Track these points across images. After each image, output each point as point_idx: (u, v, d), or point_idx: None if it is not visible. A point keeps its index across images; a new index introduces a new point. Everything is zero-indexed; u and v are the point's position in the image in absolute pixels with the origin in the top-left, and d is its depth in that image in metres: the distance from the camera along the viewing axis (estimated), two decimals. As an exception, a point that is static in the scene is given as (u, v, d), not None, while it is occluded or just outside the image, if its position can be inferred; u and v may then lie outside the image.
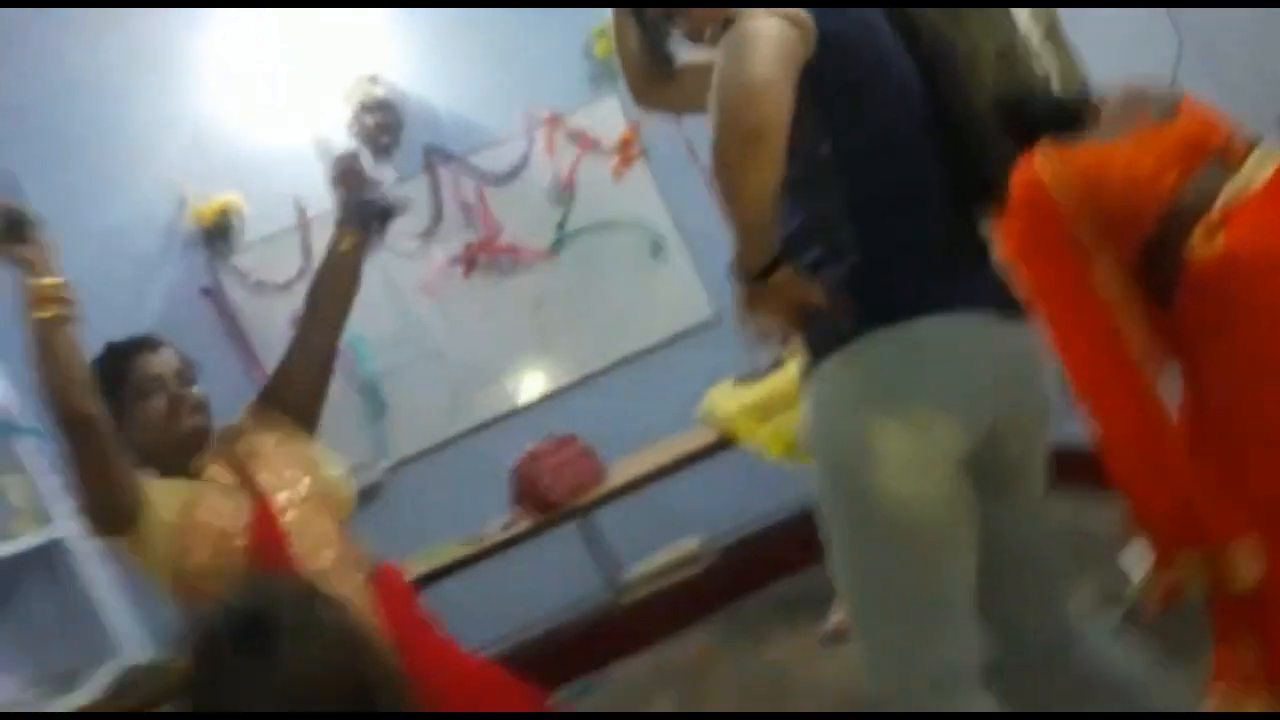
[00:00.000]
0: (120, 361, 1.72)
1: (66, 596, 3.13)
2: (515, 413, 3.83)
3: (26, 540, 3.04)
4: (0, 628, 3.11)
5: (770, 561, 3.31)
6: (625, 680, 3.36)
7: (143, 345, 1.76)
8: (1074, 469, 1.71)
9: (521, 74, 3.91)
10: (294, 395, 1.87)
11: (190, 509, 1.63)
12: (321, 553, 1.67)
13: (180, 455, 1.71)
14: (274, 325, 3.61)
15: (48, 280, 1.53)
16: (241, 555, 1.62)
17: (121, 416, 1.66)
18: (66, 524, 3.02)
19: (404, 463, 3.76)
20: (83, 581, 3.10)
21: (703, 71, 1.49)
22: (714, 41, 1.43)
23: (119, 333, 1.81)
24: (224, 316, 3.72)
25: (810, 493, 1.40)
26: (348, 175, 1.93)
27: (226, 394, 1.88)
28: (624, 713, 2.86)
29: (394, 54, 3.85)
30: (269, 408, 1.86)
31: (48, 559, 3.13)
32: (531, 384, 3.90)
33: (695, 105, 1.61)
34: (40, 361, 1.53)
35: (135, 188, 3.67)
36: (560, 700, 3.22)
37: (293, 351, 1.90)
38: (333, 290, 1.91)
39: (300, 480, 1.74)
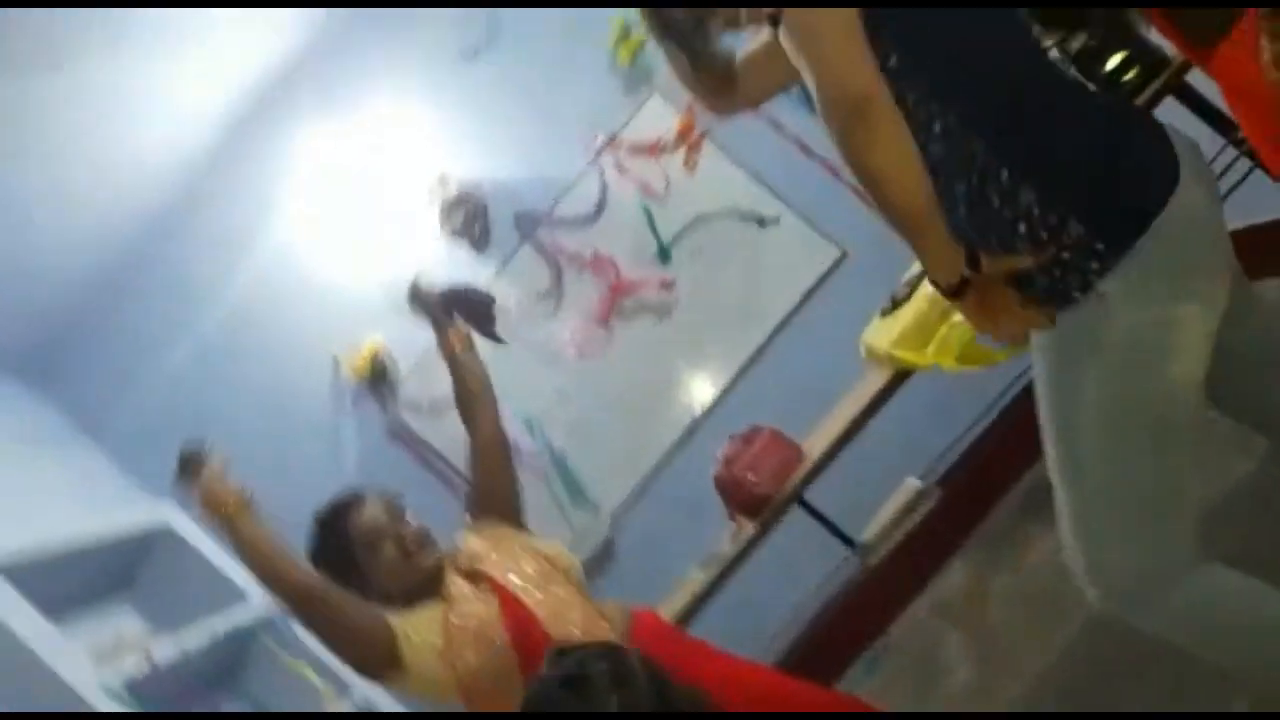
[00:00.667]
0: (335, 527, 1.84)
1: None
2: (695, 427, 3.88)
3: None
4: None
5: (993, 470, 3.21)
6: (907, 637, 3.34)
7: (348, 505, 1.87)
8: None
9: (564, 113, 3.97)
10: (492, 498, 1.98)
11: (446, 624, 1.72)
12: (570, 621, 1.74)
13: (426, 589, 1.81)
14: (457, 443, 3.80)
15: (223, 490, 1.73)
16: (505, 648, 1.71)
17: (361, 576, 1.79)
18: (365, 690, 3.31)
19: (619, 514, 3.89)
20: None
21: (762, 57, 1.51)
22: (755, 20, 1.44)
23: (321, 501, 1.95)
24: (416, 449, 3.95)
25: (999, 389, 1.41)
26: (415, 296, 2.14)
27: (453, 516, 1.99)
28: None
29: (446, 149, 3.99)
30: (478, 518, 1.97)
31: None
32: (699, 392, 3.95)
33: (770, 93, 1.61)
34: (240, 559, 1.69)
35: (289, 365, 3.96)
36: (857, 679, 3.23)
37: (472, 461, 2.02)
38: (470, 392, 2.06)
39: (528, 564, 1.82)
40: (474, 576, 1.81)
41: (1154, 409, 1.33)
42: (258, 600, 3.52)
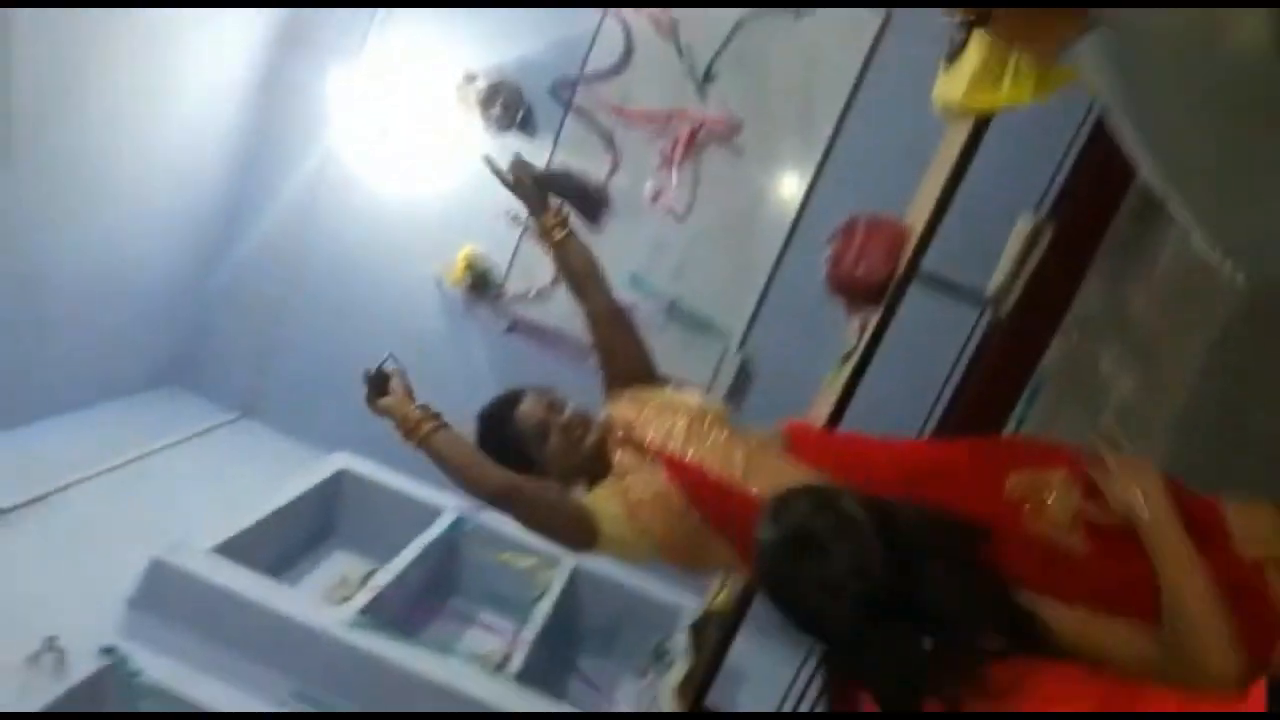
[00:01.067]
0: (500, 430, 1.91)
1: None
2: (796, 233, 3.88)
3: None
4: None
5: (1101, 185, 3.08)
6: (1062, 364, 3.34)
7: (505, 404, 1.93)
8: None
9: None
10: (623, 365, 2.03)
11: (625, 498, 1.82)
12: (734, 462, 1.80)
13: (598, 465, 1.89)
14: (571, 316, 3.93)
15: (411, 411, 1.82)
16: (685, 507, 1.79)
17: (534, 467, 1.89)
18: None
19: (746, 335, 3.96)
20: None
21: None
22: None
23: (472, 407, 2.06)
24: (535, 335, 4.09)
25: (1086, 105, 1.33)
26: (517, 172, 2.09)
27: (589, 384, 2.08)
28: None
29: (460, 48, 3.96)
30: (616, 388, 2.03)
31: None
32: (788, 197, 3.91)
33: None
34: (447, 473, 1.80)
35: (396, 295, 4.12)
36: (1019, 414, 3.27)
37: (593, 336, 2.06)
38: (575, 271, 2.06)
39: (678, 420, 1.88)
40: (633, 445, 1.88)
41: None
42: (450, 509, 3.82)
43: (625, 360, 2.05)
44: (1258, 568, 1.58)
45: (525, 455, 1.88)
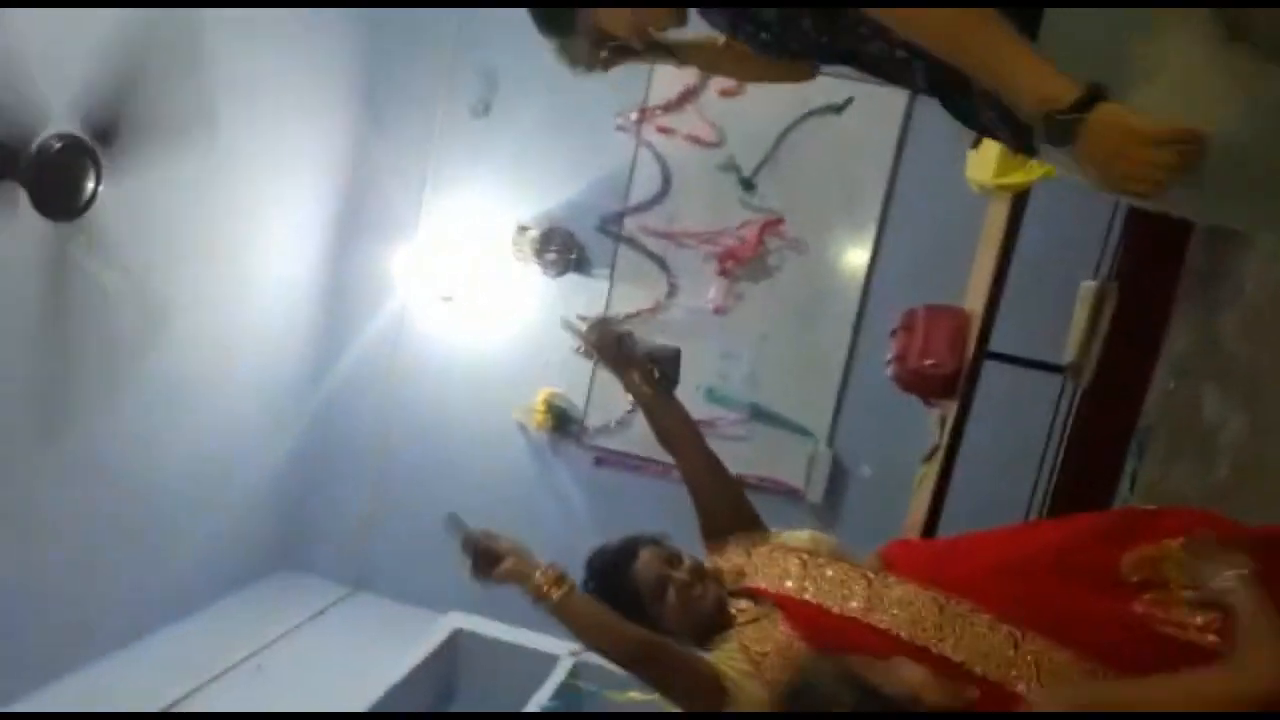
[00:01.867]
0: (616, 585, 1.85)
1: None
2: (863, 322, 3.87)
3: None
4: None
5: (1164, 226, 3.01)
6: (1164, 412, 3.21)
7: (621, 557, 1.87)
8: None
9: (588, 113, 4.00)
10: (724, 516, 1.98)
11: (748, 651, 1.74)
12: (853, 595, 1.72)
13: (715, 620, 1.82)
14: (654, 440, 3.97)
15: (536, 576, 1.76)
16: (811, 649, 1.69)
17: (648, 623, 1.82)
18: None
19: (833, 438, 3.93)
20: None
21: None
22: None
23: (571, 545, 2.02)
24: (622, 464, 4.12)
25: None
26: (604, 340, 2.11)
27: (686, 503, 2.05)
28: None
29: (508, 201, 4.12)
30: (717, 539, 1.98)
31: None
32: (848, 286, 3.92)
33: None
34: (580, 636, 1.76)
35: (484, 447, 4.21)
36: (1130, 470, 3.14)
37: (691, 490, 2.02)
38: (668, 430, 2.04)
39: (790, 562, 1.81)
40: (748, 594, 1.83)
41: None
42: (565, 655, 3.80)
43: (726, 512, 2.00)
44: None
45: (641, 612, 1.82)
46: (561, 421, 4.11)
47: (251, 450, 4.00)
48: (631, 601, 1.83)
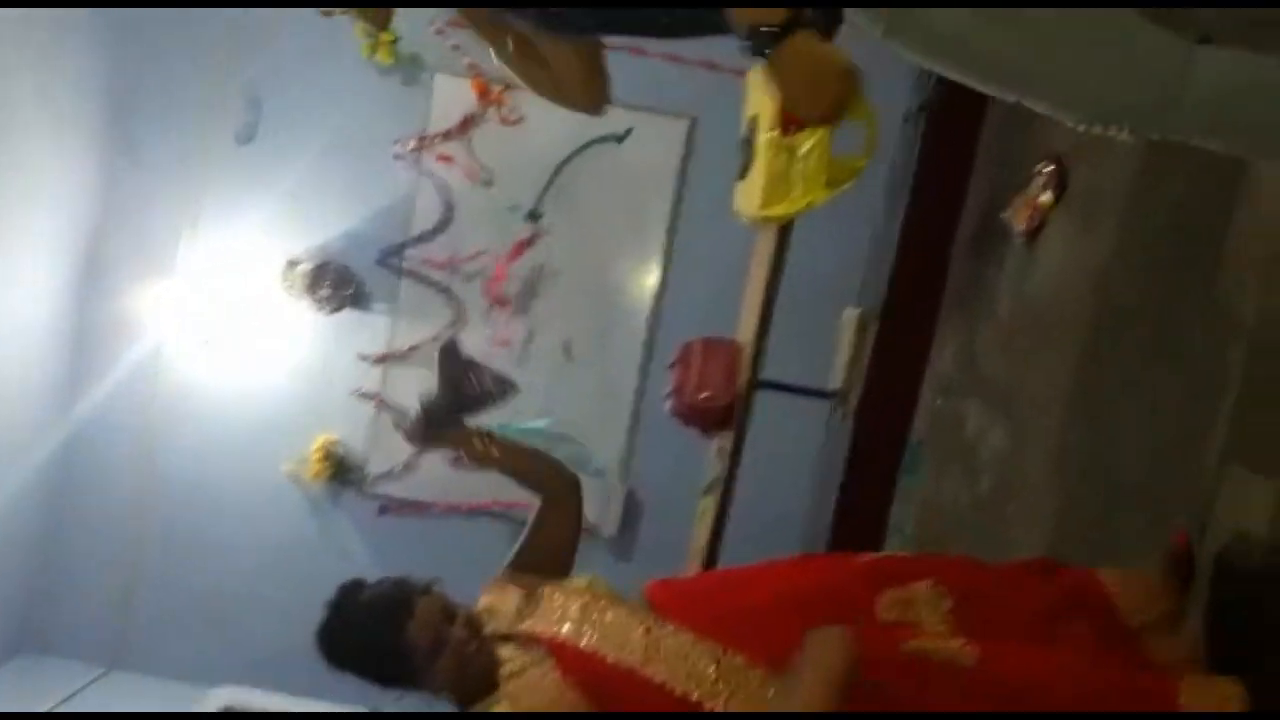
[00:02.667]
0: (391, 643, 1.64)
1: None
2: (650, 360, 3.85)
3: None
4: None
5: (925, 248, 3.15)
6: (930, 428, 3.34)
7: (397, 613, 1.65)
8: None
9: (363, 139, 3.83)
10: (549, 558, 1.85)
11: (516, 705, 1.61)
12: (625, 643, 1.62)
13: (487, 680, 1.66)
14: (442, 481, 3.81)
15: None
16: (580, 702, 1.59)
17: (418, 683, 1.66)
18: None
19: (626, 473, 3.88)
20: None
21: None
22: None
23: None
24: (408, 511, 3.92)
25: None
26: (451, 369, 1.86)
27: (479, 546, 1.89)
28: None
29: (276, 234, 3.86)
30: (521, 573, 1.82)
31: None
32: (637, 319, 3.89)
33: None
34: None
35: (257, 504, 3.91)
36: (905, 489, 3.24)
37: (539, 520, 1.87)
38: (523, 471, 1.90)
39: (571, 604, 1.69)
40: (519, 639, 1.68)
41: None
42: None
43: (554, 554, 1.85)
44: (1136, 634, 1.59)
45: (404, 671, 1.64)
46: (340, 470, 3.86)
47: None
48: (397, 661, 1.63)
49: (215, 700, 3.63)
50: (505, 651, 1.69)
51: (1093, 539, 2.23)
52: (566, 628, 1.65)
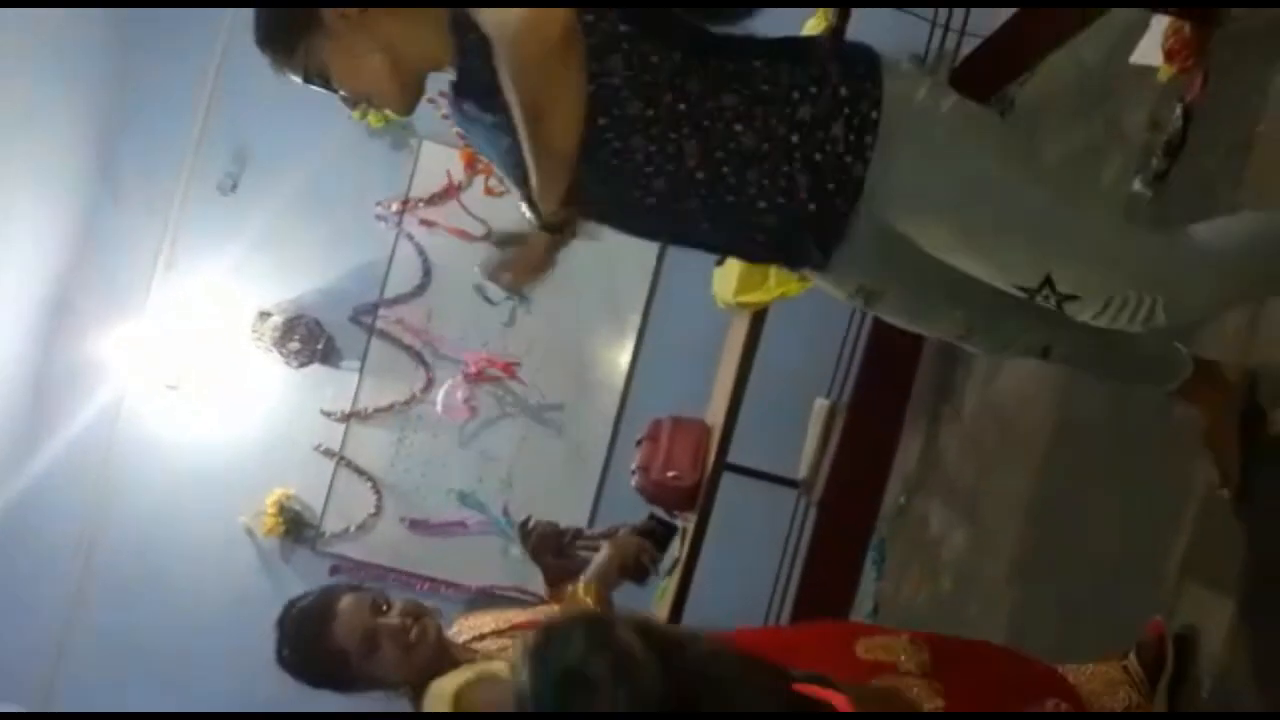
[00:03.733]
0: (322, 650, 1.59)
1: None
2: (618, 434, 3.84)
3: None
4: None
5: (894, 347, 3.19)
6: (894, 526, 3.33)
7: (316, 619, 1.61)
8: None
9: (348, 197, 3.85)
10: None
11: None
12: None
13: (442, 661, 1.62)
14: (398, 546, 3.78)
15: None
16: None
17: (362, 684, 1.60)
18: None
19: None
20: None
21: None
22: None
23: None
24: (361, 572, 3.83)
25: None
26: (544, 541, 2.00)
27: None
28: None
29: (250, 284, 3.84)
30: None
31: None
32: (606, 402, 3.90)
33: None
34: None
35: (209, 556, 3.81)
36: (869, 587, 3.22)
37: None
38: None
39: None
40: (506, 633, 1.72)
41: (993, 148, 1.34)
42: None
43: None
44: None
45: (349, 675, 1.58)
46: (294, 526, 3.78)
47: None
48: (338, 667, 1.57)
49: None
50: (487, 646, 1.69)
51: (1051, 645, 2.23)
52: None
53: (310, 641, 1.60)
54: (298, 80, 1.38)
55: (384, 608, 1.62)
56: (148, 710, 3.67)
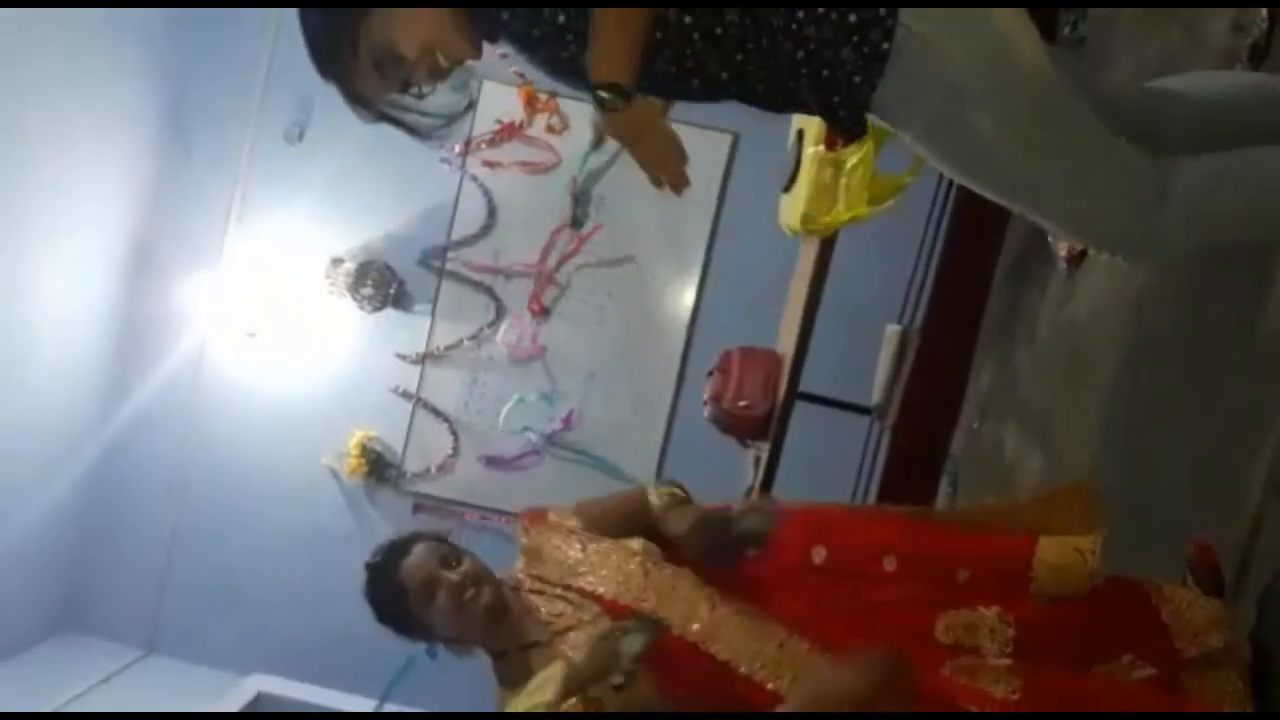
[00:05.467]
0: (388, 582, 1.64)
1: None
2: (688, 363, 3.86)
3: None
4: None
5: (967, 269, 3.13)
6: (969, 450, 3.31)
7: (392, 554, 1.67)
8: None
9: (402, 147, 3.83)
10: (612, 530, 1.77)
11: (570, 663, 1.54)
12: (691, 617, 1.56)
13: (499, 631, 1.65)
14: (476, 484, 3.87)
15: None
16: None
17: (419, 629, 1.64)
18: None
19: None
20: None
21: None
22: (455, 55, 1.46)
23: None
24: (442, 511, 3.95)
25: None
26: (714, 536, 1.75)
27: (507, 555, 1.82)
28: None
29: (322, 231, 3.92)
30: (583, 521, 1.76)
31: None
32: (674, 327, 3.90)
33: None
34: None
35: (295, 497, 3.97)
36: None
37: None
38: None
39: (629, 566, 1.63)
40: (569, 592, 1.65)
41: (1030, 90, 1.36)
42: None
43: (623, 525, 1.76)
44: (1190, 663, 1.54)
45: (406, 615, 1.64)
46: (377, 467, 3.90)
47: (28, 500, 3.61)
48: (397, 603, 1.64)
49: (248, 688, 3.68)
50: (556, 606, 1.65)
51: (1127, 572, 2.21)
52: (627, 591, 1.59)
53: (379, 571, 1.67)
54: (371, 117, 1.48)
55: (452, 563, 1.66)
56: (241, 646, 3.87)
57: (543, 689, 1.53)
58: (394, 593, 1.64)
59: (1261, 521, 1.80)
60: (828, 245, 2.41)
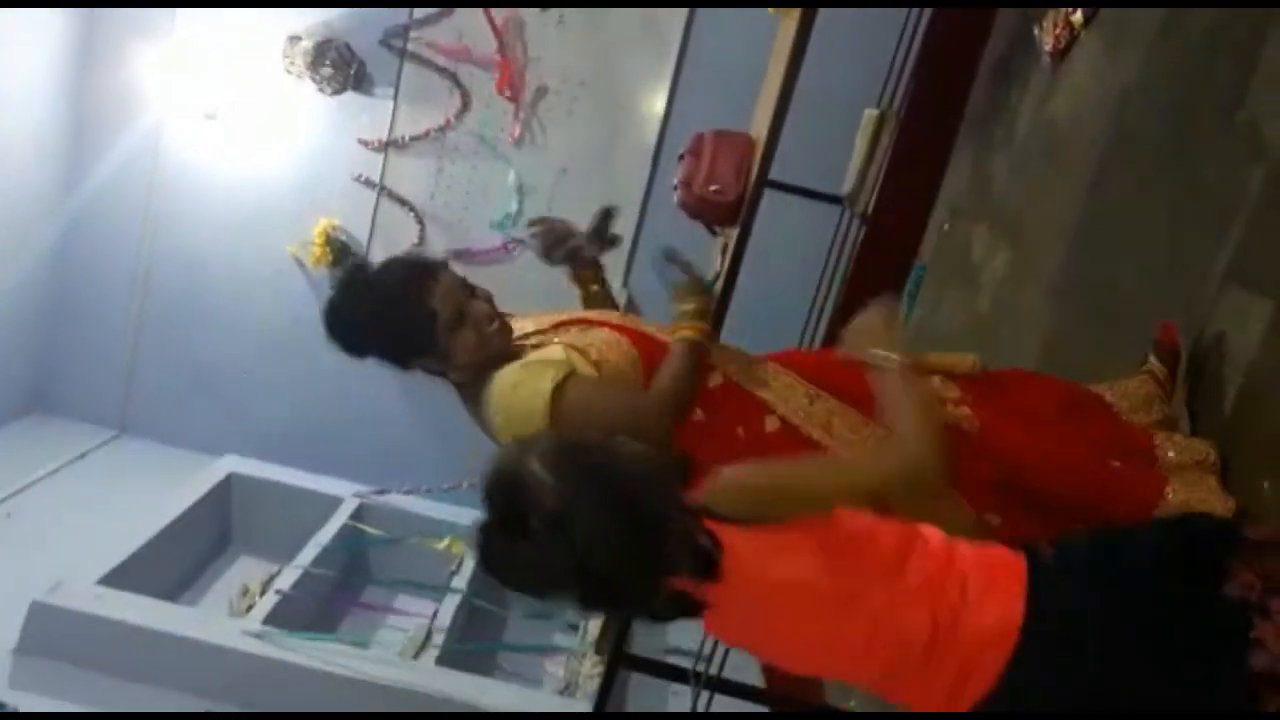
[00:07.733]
0: (416, 304, 1.57)
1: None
2: (659, 160, 3.78)
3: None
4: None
5: (949, 58, 3.02)
6: (937, 249, 3.32)
7: (423, 274, 1.60)
8: None
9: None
10: None
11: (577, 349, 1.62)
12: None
13: (498, 361, 1.64)
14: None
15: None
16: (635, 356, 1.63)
17: (441, 355, 1.61)
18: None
19: (627, 278, 3.87)
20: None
21: None
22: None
23: (355, 391, 1.82)
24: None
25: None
26: (553, 238, 1.88)
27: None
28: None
29: (286, 9, 3.71)
30: None
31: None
32: (648, 118, 3.79)
33: None
34: (678, 379, 1.59)
35: (259, 284, 3.93)
36: (906, 305, 3.24)
37: None
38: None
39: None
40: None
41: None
42: (349, 498, 3.69)
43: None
44: (1148, 433, 1.64)
45: (428, 338, 1.58)
46: (341, 255, 3.84)
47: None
48: (423, 326, 1.58)
49: (220, 468, 3.76)
50: (565, 334, 1.69)
51: (1085, 362, 2.26)
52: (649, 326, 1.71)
53: (407, 295, 1.57)
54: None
55: (474, 293, 1.64)
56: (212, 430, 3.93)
57: (549, 351, 1.61)
58: (424, 316, 1.57)
59: (1213, 312, 1.83)
60: (805, 26, 2.29)
